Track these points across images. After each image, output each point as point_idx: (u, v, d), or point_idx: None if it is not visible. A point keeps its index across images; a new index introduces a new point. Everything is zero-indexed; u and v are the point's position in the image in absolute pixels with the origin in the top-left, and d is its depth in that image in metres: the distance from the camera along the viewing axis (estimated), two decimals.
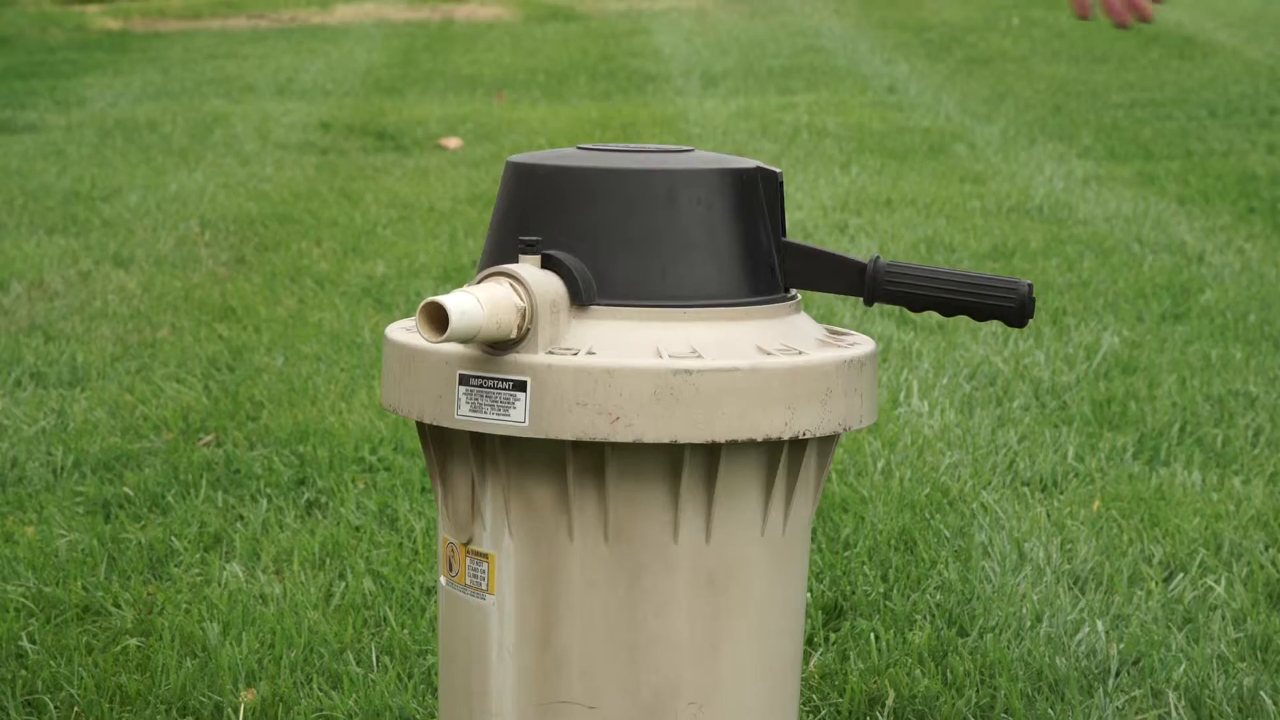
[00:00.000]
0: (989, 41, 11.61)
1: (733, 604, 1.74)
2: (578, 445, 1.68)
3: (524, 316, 1.67)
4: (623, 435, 1.65)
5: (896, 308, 4.85)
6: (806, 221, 6.05)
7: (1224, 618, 2.90)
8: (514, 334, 1.67)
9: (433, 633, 2.83)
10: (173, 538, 3.24)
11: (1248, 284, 5.10)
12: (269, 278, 5.29)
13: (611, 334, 1.69)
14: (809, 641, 2.83)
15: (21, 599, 2.97)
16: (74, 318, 4.80)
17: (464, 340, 1.64)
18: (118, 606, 2.96)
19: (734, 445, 1.69)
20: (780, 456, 1.73)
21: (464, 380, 1.69)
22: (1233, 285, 5.07)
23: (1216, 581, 3.01)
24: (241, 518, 3.36)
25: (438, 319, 1.64)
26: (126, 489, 3.48)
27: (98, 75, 10.40)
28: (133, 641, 2.83)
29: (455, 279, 5.26)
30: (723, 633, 1.74)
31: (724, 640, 1.74)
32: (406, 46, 11.85)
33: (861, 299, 1.77)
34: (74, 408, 3.99)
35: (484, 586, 1.75)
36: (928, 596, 2.97)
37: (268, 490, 3.48)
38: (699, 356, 1.67)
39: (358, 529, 3.28)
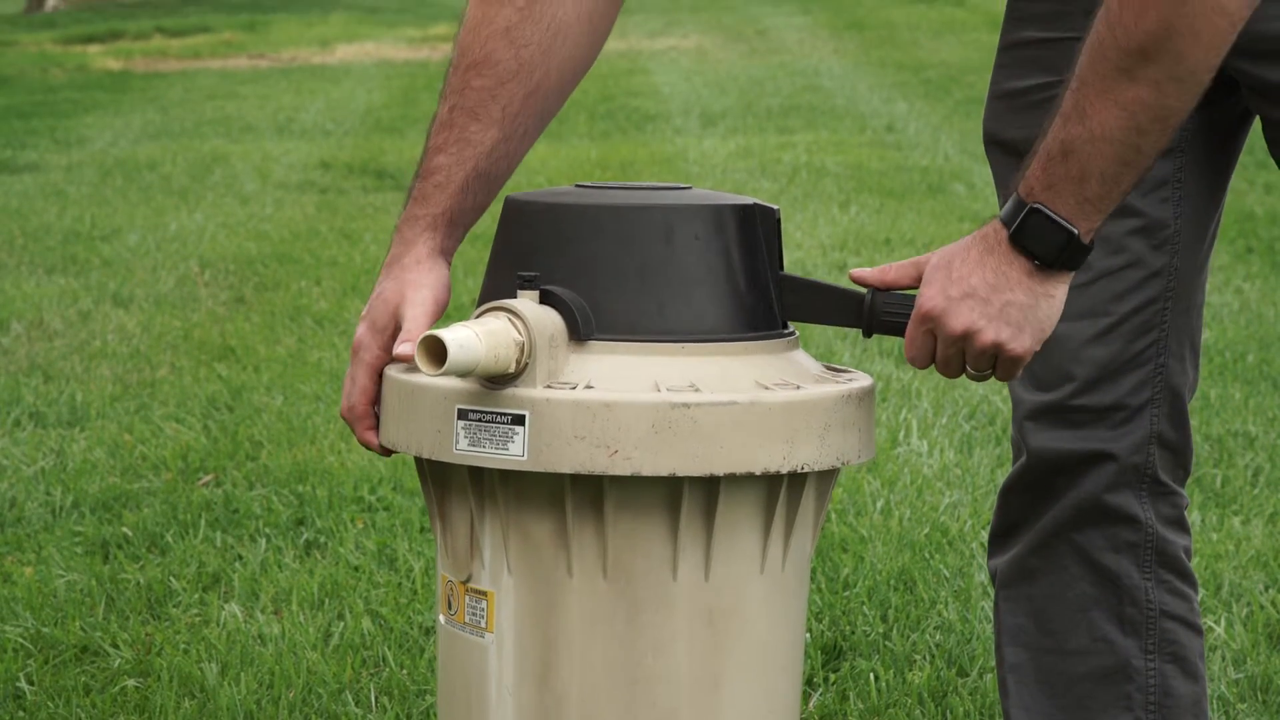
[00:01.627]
0: (987, 81, 11.63)
1: (732, 642, 1.73)
2: (576, 480, 1.68)
3: (522, 350, 1.67)
4: (621, 468, 1.65)
5: (896, 346, 4.85)
6: (805, 260, 6.06)
7: (1224, 658, 2.89)
8: (512, 368, 1.67)
9: (431, 673, 2.83)
10: (171, 578, 3.24)
11: (1246, 324, 5.10)
12: (268, 317, 5.29)
13: (610, 368, 1.69)
14: (808, 682, 2.83)
15: (20, 639, 2.97)
16: (73, 357, 4.80)
17: (462, 374, 1.65)
18: (116, 647, 2.95)
19: (733, 480, 1.69)
20: (779, 492, 1.73)
21: (462, 415, 1.69)
22: (1231, 325, 5.08)
23: (1216, 622, 3.01)
24: (240, 558, 3.35)
25: (436, 352, 1.64)
26: (125, 529, 3.48)
27: (98, 115, 10.42)
28: (131, 682, 2.82)
29: (453, 317, 5.25)
30: (722, 671, 1.73)
31: (723, 678, 1.74)
32: (406, 86, 11.88)
33: (860, 331, 1.77)
34: (73, 448, 3.99)
35: (483, 624, 1.75)
36: (927, 636, 2.97)
37: (266, 530, 3.47)
38: (697, 390, 1.67)
39: (356, 569, 3.28)
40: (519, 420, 1.66)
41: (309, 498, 3.62)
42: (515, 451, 1.66)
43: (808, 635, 2.93)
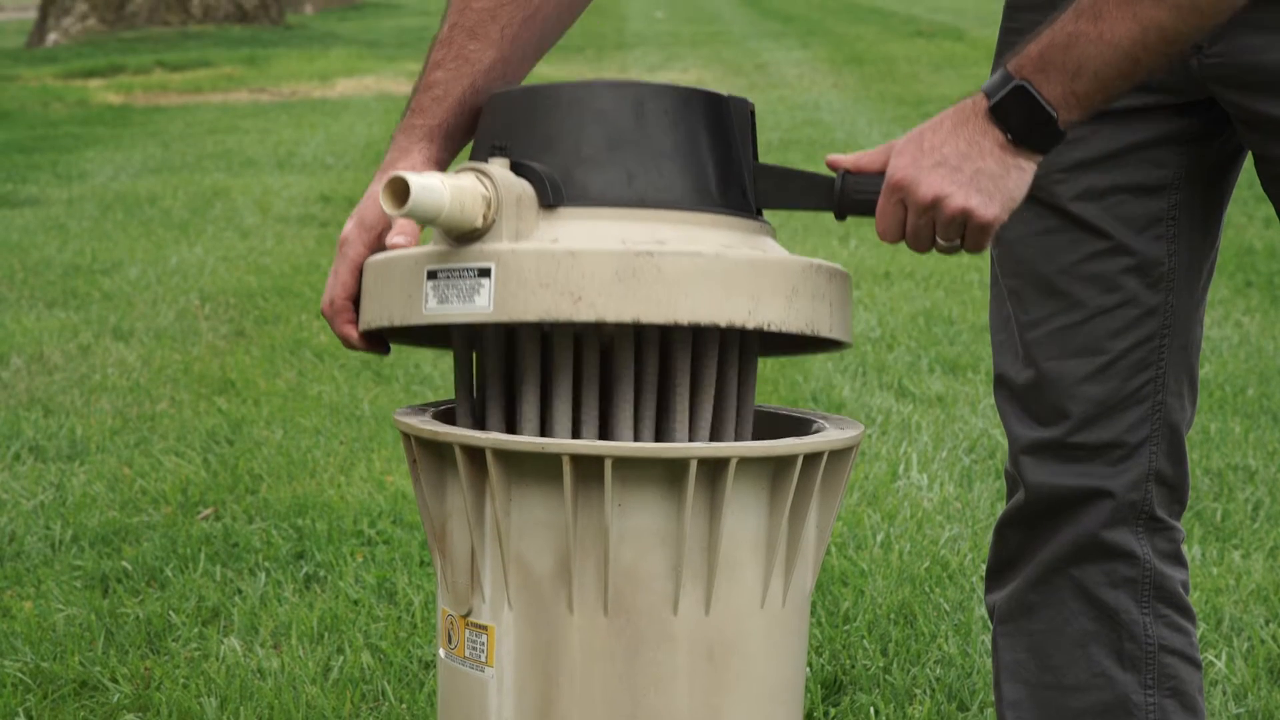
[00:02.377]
0: None
1: (732, 678, 1.73)
2: (580, 503, 1.68)
3: (489, 206, 1.69)
4: (585, 314, 1.66)
5: (897, 380, 4.85)
6: None
7: (1225, 693, 2.89)
8: (479, 223, 1.69)
9: (431, 707, 2.83)
10: (171, 612, 3.23)
11: (1246, 357, 5.10)
12: (268, 351, 5.29)
13: (577, 229, 1.71)
14: (808, 716, 2.82)
15: (19, 674, 2.96)
16: (73, 391, 4.80)
17: (426, 219, 1.66)
18: (115, 681, 2.95)
19: (736, 498, 1.69)
20: (781, 520, 1.73)
21: (431, 275, 1.71)
22: (1231, 359, 5.08)
23: (1217, 656, 3.00)
24: (240, 591, 3.35)
25: (399, 193, 1.65)
26: (125, 563, 3.47)
27: (99, 149, 10.44)
28: (130, 717, 2.82)
29: None
30: (723, 706, 1.73)
31: (724, 714, 1.73)
32: None
33: (834, 214, 1.79)
34: (73, 481, 3.98)
35: (483, 659, 1.75)
36: (928, 670, 2.96)
37: (266, 564, 3.47)
38: (662, 244, 1.69)
39: (356, 602, 3.27)
40: (485, 273, 1.68)
41: (309, 531, 3.62)
42: (481, 304, 1.68)
43: (808, 669, 2.93)
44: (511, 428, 1.79)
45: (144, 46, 17.47)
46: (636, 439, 1.75)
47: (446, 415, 1.87)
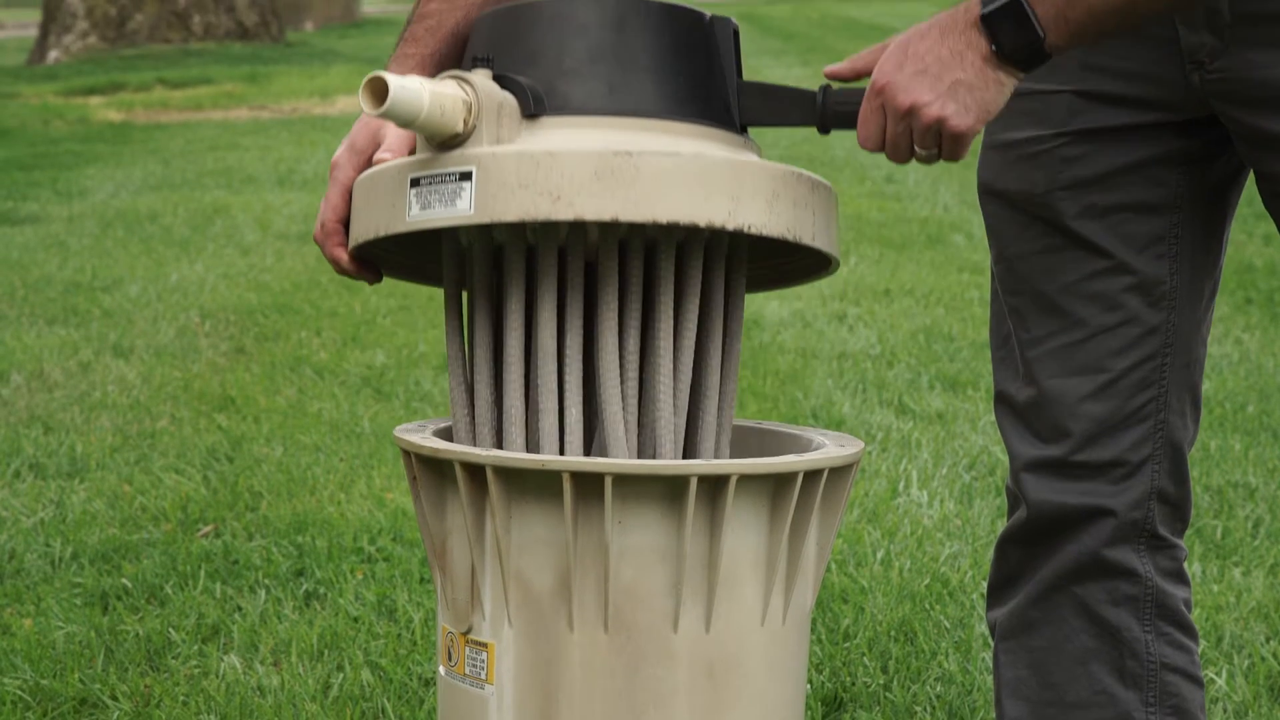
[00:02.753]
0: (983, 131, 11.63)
1: (732, 695, 1.73)
2: (579, 521, 1.68)
3: (470, 111, 1.70)
4: (563, 213, 1.66)
5: (897, 397, 4.85)
6: (805, 311, 6.06)
7: (1225, 711, 2.89)
8: (460, 128, 1.70)
9: None
10: (170, 629, 3.23)
11: (1245, 375, 5.10)
12: (269, 368, 5.30)
13: (558, 136, 1.72)
14: None
15: (19, 692, 2.96)
16: (73, 408, 4.80)
17: (405, 120, 1.66)
18: (115, 699, 2.95)
19: (736, 515, 1.69)
20: (782, 537, 1.73)
21: (414, 183, 1.72)
22: (1231, 376, 5.08)
23: (1218, 674, 3.00)
24: (240, 609, 3.35)
25: (379, 91, 1.66)
26: (125, 580, 3.47)
27: (99, 166, 10.44)
28: None
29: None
30: None
31: None
32: None
33: (817, 128, 1.80)
34: (73, 499, 3.98)
35: (483, 676, 1.75)
36: (928, 688, 2.96)
37: (266, 581, 3.47)
38: (641, 146, 1.69)
39: (356, 620, 3.27)
40: (466, 176, 1.69)
41: (309, 548, 3.62)
42: (463, 207, 1.69)
43: (808, 687, 2.92)
44: (498, 343, 1.79)
45: (145, 64, 17.49)
46: (621, 346, 1.75)
47: (447, 433, 1.87)
